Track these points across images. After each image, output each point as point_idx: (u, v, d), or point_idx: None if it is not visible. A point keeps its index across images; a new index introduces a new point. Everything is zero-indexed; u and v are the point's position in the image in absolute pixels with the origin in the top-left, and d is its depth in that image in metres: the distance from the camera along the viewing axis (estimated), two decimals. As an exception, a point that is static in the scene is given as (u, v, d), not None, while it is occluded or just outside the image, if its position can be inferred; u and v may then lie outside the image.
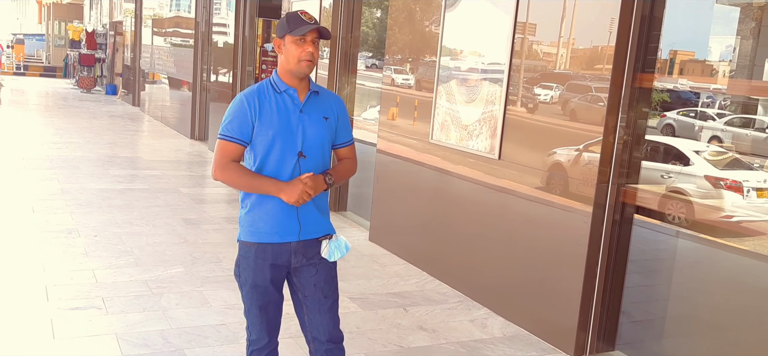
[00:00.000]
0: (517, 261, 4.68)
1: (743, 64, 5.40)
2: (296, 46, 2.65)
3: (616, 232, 4.16)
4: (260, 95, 2.70)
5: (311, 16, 2.70)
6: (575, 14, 4.26)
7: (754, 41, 5.15)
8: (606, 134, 4.02)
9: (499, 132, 4.74)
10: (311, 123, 2.72)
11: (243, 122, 2.66)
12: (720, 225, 3.82)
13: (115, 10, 20.95)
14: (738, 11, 4.68)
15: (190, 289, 4.78)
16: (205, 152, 11.32)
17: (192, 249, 5.73)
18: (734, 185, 3.62)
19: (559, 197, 4.36)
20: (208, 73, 12.07)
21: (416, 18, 6.06)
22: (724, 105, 4.98)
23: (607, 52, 4.01)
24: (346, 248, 2.81)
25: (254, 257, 2.74)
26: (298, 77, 2.72)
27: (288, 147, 2.67)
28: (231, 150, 2.67)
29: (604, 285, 4.20)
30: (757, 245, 3.82)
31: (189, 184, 8.77)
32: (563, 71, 4.38)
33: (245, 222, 2.77)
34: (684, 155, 4.12)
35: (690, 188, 3.90)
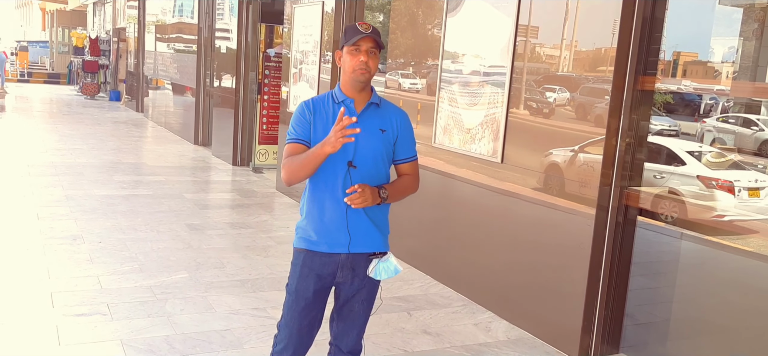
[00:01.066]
0: (521, 264, 4.68)
1: (746, 66, 5.40)
2: (351, 57, 2.66)
3: (620, 234, 4.16)
4: (318, 103, 2.75)
5: (368, 25, 2.68)
6: (577, 17, 4.27)
7: (757, 43, 5.15)
8: (608, 137, 4.03)
9: (501, 135, 4.75)
10: (365, 134, 2.67)
11: (303, 124, 2.70)
12: (713, 225, 3.79)
13: (118, 16, 21.02)
14: (740, 12, 4.69)
15: (195, 294, 4.79)
16: (208, 157, 11.35)
17: (196, 255, 5.74)
18: (726, 186, 3.65)
19: (561, 200, 4.36)
20: (211, 79, 12.10)
21: (418, 22, 6.08)
22: (727, 107, 4.98)
23: (609, 55, 4.02)
24: (394, 272, 2.77)
25: (302, 264, 2.76)
26: (355, 88, 2.71)
27: (338, 157, 2.63)
28: (296, 150, 2.69)
29: (608, 287, 4.20)
30: (759, 245, 3.82)
31: (193, 190, 8.78)
32: (565, 74, 4.39)
33: (300, 228, 2.80)
34: (677, 156, 4.13)
35: (684, 189, 3.91)
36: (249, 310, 4.58)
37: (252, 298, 4.80)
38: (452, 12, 5.30)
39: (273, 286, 5.08)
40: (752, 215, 3.65)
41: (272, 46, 10.43)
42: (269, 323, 4.36)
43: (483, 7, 4.98)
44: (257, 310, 4.59)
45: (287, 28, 8.76)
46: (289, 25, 8.59)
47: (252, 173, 10.16)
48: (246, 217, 7.32)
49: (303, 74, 8.12)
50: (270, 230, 6.81)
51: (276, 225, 7.06)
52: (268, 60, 10.05)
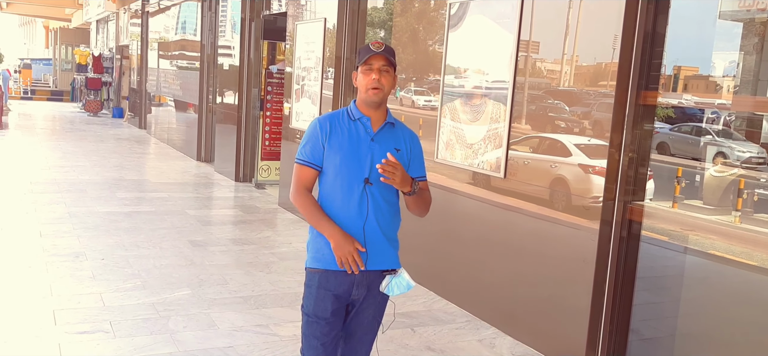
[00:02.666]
0: (525, 280, 4.67)
1: (747, 80, 5.40)
2: (364, 75, 2.70)
3: (624, 249, 4.15)
4: (334, 120, 2.75)
5: (381, 43, 2.71)
6: (578, 32, 4.28)
7: (758, 57, 5.15)
8: (611, 151, 4.03)
9: (504, 150, 4.75)
10: (381, 153, 2.70)
11: (315, 146, 2.72)
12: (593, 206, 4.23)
13: (121, 34, 21.12)
14: (740, 27, 4.69)
15: (198, 311, 4.78)
16: (211, 173, 11.36)
17: (199, 271, 5.73)
18: (602, 171, 4.14)
19: (565, 215, 4.35)
20: (213, 96, 12.14)
21: (420, 38, 6.10)
22: (728, 121, 4.98)
23: (611, 69, 4.02)
24: (407, 287, 2.77)
25: (318, 285, 2.74)
26: (370, 106, 2.74)
27: (355, 173, 2.68)
28: (305, 174, 2.74)
29: (613, 302, 4.18)
30: (764, 259, 3.80)
31: (195, 206, 8.79)
32: (567, 88, 4.40)
33: (311, 248, 2.79)
34: (567, 147, 4.43)
35: (569, 175, 4.38)
36: (252, 327, 4.56)
37: (255, 315, 4.78)
38: (454, 27, 5.32)
39: (276, 302, 5.07)
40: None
41: (275, 62, 10.47)
42: (272, 340, 4.35)
43: (484, 23, 5.00)
44: (260, 327, 4.57)
45: (289, 45, 8.80)
46: (291, 41, 8.63)
47: (254, 189, 10.17)
48: (248, 233, 7.32)
49: (305, 91, 8.14)
50: (272, 246, 6.80)
51: (278, 241, 7.05)
52: (270, 76, 10.08)
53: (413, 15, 6.39)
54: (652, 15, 3.96)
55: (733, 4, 4.23)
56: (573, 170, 4.34)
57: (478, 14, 5.07)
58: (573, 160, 4.34)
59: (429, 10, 6.09)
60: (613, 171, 4.04)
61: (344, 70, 7.36)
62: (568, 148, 4.39)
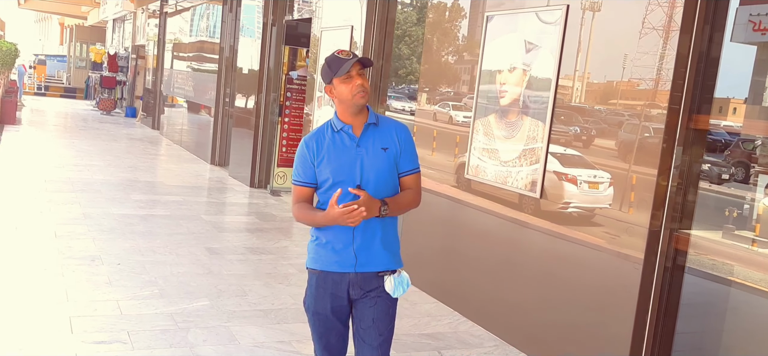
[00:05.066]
0: (559, 306, 4.48)
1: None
2: (345, 85, 2.73)
3: (668, 280, 3.96)
4: (318, 137, 2.82)
5: (348, 51, 2.76)
6: (627, 51, 4.10)
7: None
8: (659, 177, 3.84)
9: (541, 170, 4.57)
10: (368, 156, 2.76)
11: (305, 166, 2.81)
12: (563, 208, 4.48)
13: (137, 33, 21.07)
14: (754, 50, 4.53)
15: (217, 324, 4.61)
16: (225, 178, 11.21)
17: (217, 281, 5.57)
18: (571, 179, 4.45)
19: (606, 241, 4.17)
20: (231, 99, 12.01)
21: (452, 50, 5.94)
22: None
23: (662, 91, 3.84)
24: (407, 284, 2.84)
25: (315, 285, 2.86)
26: (355, 113, 2.78)
27: (347, 182, 2.73)
28: (301, 193, 2.85)
29: (655, 334, 3.99)
30: None
31: (211, 211, 8.64)
32: (612, 109, 4.22)
33: (311, 250, 2.90)
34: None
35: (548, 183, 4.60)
36: (274, 343, 4.39)
37: (276, 331, 4.61)
38: (490, 41, 5.15)
39: (297, 318, 4.89)
40: (591, 204, 4.41)
41: (295, 68, 10.33)
42: (296, 358, 4.18)
43: (523, 37, 4.83)
44: (282, 343, 4.40)
45: (313, 51, 8.65)
46: (316, 48, 8.48)
47: (270, 195, 10.01)
48: (266, 242, 7.16)
49: (328, 99, 7.99)
50: (290, 257, 6.63)
51: (296, 252, 6.88)
52: (290, 82, 9.93)
53: (444, 26, 6.23)
54: (707, 36, 3.78)
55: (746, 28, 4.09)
56: (549, 177, 4.51)
57: (517, 28, 4.90)
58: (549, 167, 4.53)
59: (461, 21, 5.94)
60: (660, 197, 3.86)
61: (371, 78, 7.20)
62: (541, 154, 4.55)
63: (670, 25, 3.83)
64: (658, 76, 3.88)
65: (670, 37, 3.83)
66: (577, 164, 4.46)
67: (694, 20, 3.75)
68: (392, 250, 2.86)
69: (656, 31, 3.91)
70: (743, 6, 3.90)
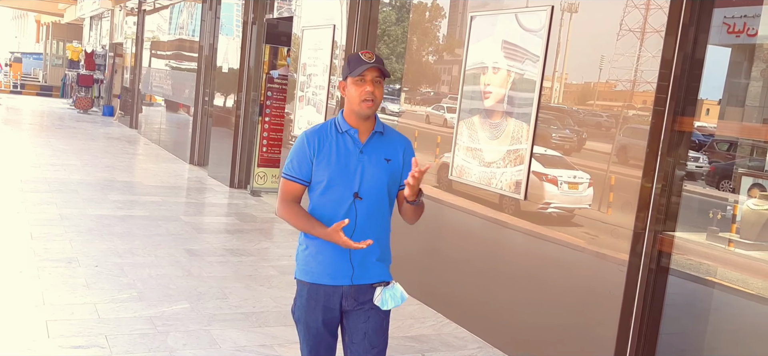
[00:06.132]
0: (543, 308, 4.46)
1: (752, 106, 5.26)
2: (356, 87, 2.61)
3: (652, 281, 3.95)
4: (321, 134, 2.69)
5: (372, 54, 2.62)
6: (612, 52, 4.09)
7: (765, 83, 5.00)
8: (644, 179, 3.84)
9: (525, 171, 4.55)
10: (371, 164, 2.66)
11: (302, 161, 2.67)
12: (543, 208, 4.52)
13: (115, 31, 20.81)
14: (728, 52, 4.57)
15: (197, 328, 4.53)
16: (204, 178, 11.09)
17: (197, 283, 5.48)
18: (552, 180, 4.48)
19: (591, 242, 4.15)
20: (210, 98, 11.88)
21: (436, 51, 5.90)
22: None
23: (647, 93, 3.83)
24: (401, 299, 2.72)
25: (307, 297, 2.74)
26: (360, 118, 2.65)
27: (345, 187, 2.64)
28: (292, 189, 2.69)
29: (639, 335, 3.98)
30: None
31: (190, 212, 8.54)
32: (597, 112, 4.21)
33: (300, 260, 2.77)
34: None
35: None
36: (256, 347, 4.32)
37: (258, 334, 4.54)
38: (474, 42, 5.12)
39: (279, 321, 4.83)
40: (571, 204, 4.45)
41: (276, 67, 10.24)
42: (278, 362, 4.12)
43: (507, 39, 4.80)
44: (264, 347, 4.33)
45: (294, 50, 8.58)
46: (297, 47, 8.40)
47: (250, 196, 9.91)
48: (246, 243, 7.07)
49: (310, 98, 7.92)
50: (272, 259, 6.55)
51: (278, 253, 6.81)
52: (271, 81, 9.85)
53: (425, 25, 6.20)
54: (692, 38, 3.78)
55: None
56: (530, 178, 4.53)
57: (501, 28, 4.87)
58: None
59: (444, 21, 5.92)
60: (644, 199, 3.85)
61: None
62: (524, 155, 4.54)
63: (645, 27, 3.83)
64: (643, 78, 3.87)
65: (645, 39, 3.82)
66: (557, 164, 4.45)
67: (679, 23, 3.74)
68: (387, 261, 2.79)
69: (633, 33, 3.90)
70: (718, 8, 3.91)
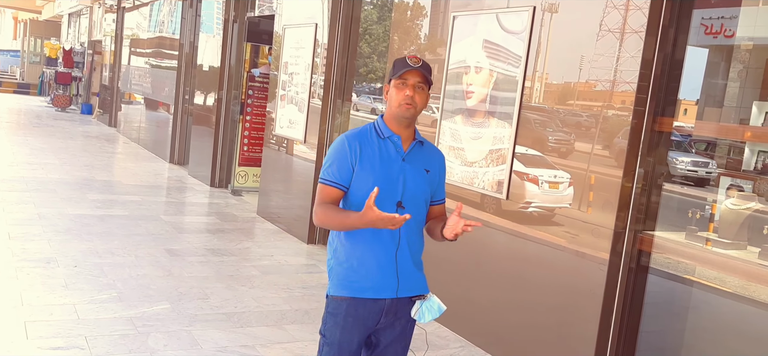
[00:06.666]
0: (525, 306, 4.48)
1: (729, 106, 5.34)
2: (397, 90, 2.52)
3: (632, 280, 3.99)
4: (362, 138, 2.57)
5: (418, 58, 2.53)
6: (594, 53, 4.12)
7: (742, 84, 5.07)
8: (624, 179, 3.87)
9: (507, 171, 4.57)
10: (413, 174, 2.57)
11: (343, 165, 2.53)
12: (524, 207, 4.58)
13: (94, 29, 20.59)
14: (706, 52, 4.63)
15: (178, 328, 4.50)
16: (185, 177, 11.01)
17: (177, 283, 5.44)
18: (533, 178, 4.53)
19: (572, 242, 4.18)
20: (191, 96, 11.80)
21: (418, 50, 5.91)
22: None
23: (627, 93, 3.87)
24: (439, 311, 2.62)
25: (345, 314, 2.57)
26: (401, 123, 2.56)
27: (388, 196, 2.52)
28: (330, 195, 2.55)
29: (619, 334, 4.02)
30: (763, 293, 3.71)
31: (170, 211, 8.47)
32: (577, 111, 4.24)
33: (337, 274, 2.60)
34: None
35: None
36: (237, 348, 4.30)
37: (240, 335, 4.52)
38: (457, 41, 5.13)
39: (261, 321, 4.81)
40: (551, 204, 4.51)
41: (257, 65, 10.19)
42: (260, 362, 4.10)
43: (490, 39, 4.82)
44: (246, 348, 4.31)
45: (276, 48, 8.54)
46: (278, 45, 8.37)
47: (231, 195, 9.86)
48: (227, 243, 7.03)
49: (291, 97, 7.89)
50: (253, 259, 6.52)
51: (259, 253, 6.78)
52: (252, 80, 9.80)
53: (408, 25, 6.21)
54: (671, 39, 3.82)
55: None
56: (512, 178, 4.57)
57: (483, 28, 4.89)
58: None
59: (426, 20, 5.92)
60: (625, 199, 3.89)
61: (334, 77, 7.14)
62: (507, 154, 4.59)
63: (624, 27, 3.86)
64: (623, 78, 3.90)
65: (624, 39, 3.85)
66: (538, 164, 4.47)
67: (659, 23, 3.78)
68: (423, 271, 2.72)
69: (613, 33, 3.93)
70: (696, 10, 3.96)
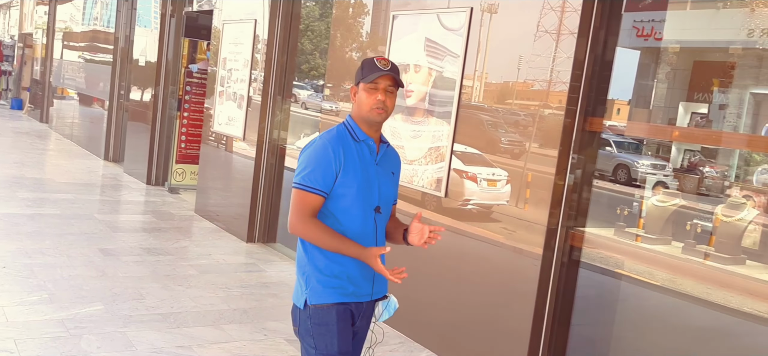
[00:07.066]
0: (463, 302, 4.56)
1: (658, 106, 5.56)
2: (367, 94, 2.49)
3: (564, 274, 4.10)
4: (344, 143, 2.51)
5: (387, 61, 2.51)
6: (532, 53, 4.21)
7: (670, 85, 5.30)
8: (557, 177, 3.98)
9: (446, 169, 4.63)
10: (385, 177, 2.60)
11: (327, 172, 2.46)
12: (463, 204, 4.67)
13: (25, 21, 19.87)
14: (637, 55, 4.83)
15: (112, 330, 4.40)
16: (120, 174, 10.74)
17: (112, 284, 5.32)
18: (472, 177, 4.61)
19: (509, 238, 4.27)
20: (126, 92, 11.52)
21: (360, 48, 5.93)
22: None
23: (562, 93, 3.97)
24: (394, 308, 2.68)
25: (337, 319, 2.52)
26: (371, 126, 2.54)
27: (368, 201, 2.53)
28: (312, 202, 2.47)
29: (552, 327, 4.13)
30: (689, 286, 3.88)
31: (105, 210, 8.26)
32: (515, 110, 4.33)
33: (319, 282, 2.53)
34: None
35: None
36: (174, 349, 4.23)
37: (176, 335, 4.45)
38: (397, 40, 5.17)
39: (198, 321, 4.75)
40: (490, 201, 4.58)
41: (195, 61, 10.02)
42: (197, 363, 4.05)
43: (429, 37, 4.87)
44: (182, 348, 4.25)
45: (214, 44, 8.42)
46: (217, 41, 8.26)
47: (168, 193, 9.67)
48: (164, 242, 6.90)
49: (229, 93, 7.80)
50: (191, 258, 6.43)
51: (197, 252, 6.68)
52: (190, 75, 9.63)
53: (349, 22, 6.22)
54: (601, 40, 3.94)
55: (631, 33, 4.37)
56: (452, 175, 4.63)
57: (422, 27, 4.94)
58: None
59: (366, 17, 5.95)
60: (557, 196, 3.99)
61: (274, 74, 7.08)
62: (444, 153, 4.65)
63: (561, 29, 3.97)
64: (551, 78, 4.01)
65: (561, 41, 3.96)
66: (477, 162, 4.55)
67: (590, 25, 3.89)
68: None
69: (549, 34, 4.04)
70: (628, 13, 4.10)
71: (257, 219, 7.22)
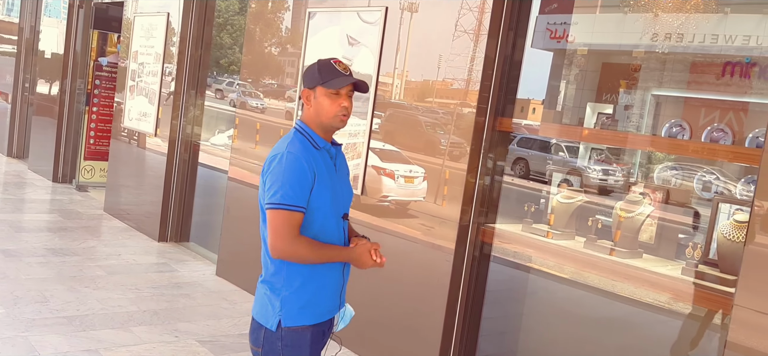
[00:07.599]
0: (379, 298, 4.59)
1: (568, 107, 5.78)
2: (330, 100, 2.37)
3: (476, 269, 4.20)
4: (314, 155, 2.39)
5: (346, 65, 2.42)
6: (450, 52, 4.28)
7: (579, 86, 5.51)
8: (468, 175, 4.06)
9: (362, 166, 4.65)
10: (345, 181, 2.54)
11: (305, 187, 2.33)
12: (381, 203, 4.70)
13: None
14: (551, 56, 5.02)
15: (13, 334, 4.20)
16: (24, 171, 10.25)
17: (13, 287, 5.07)
18: (389, 173, 4.64)
19: (422, 234, 4.34)
20: (31, 85, 11.00)
21: (275, 43, 5.87)
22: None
23: (475, 93, 4.06)
24: (349, 317, 2.63)
25: (311, 342, 2.44)
26: (328, 132, 2.45)
27: (337, 209, 2.47)
28: (296, 221, 2.32)
29: (464, 322, 4.22)
30: (598, 281, 4.06)
31: (7, 209, 7.86)
32: (434, 108, 4.40)
33: (295, 304, 2.41)
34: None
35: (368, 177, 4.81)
36: (79, 352, 4.08)
37: (82, 338, 4.29)
38: (313, 36, 5.15)
39: (106, 323, 4.59)
40: (407, 197, 4.64)
41: (105, 54, 9.67)
42: (104, 366, 3.92)
43: (346, 34, 4.88)
44: (89, 352, 4.11)
45: (125, 37, 8.15)
46: (128, 33, 8.00)
47: (75, 191, 9.30)
48: (70, 242, 6.64)
49: (141, 87, 7.57)
50: (99, 258, 6.21)
51: (105, 252, 6.46)
52: (99, 69, 9.29)
53: (267, 16, 6.15)
54: (510, 42, 4.05)
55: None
56: (369, 172, 4.66)
57: (339, 23, 4.94)
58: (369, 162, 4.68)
59: (284, 13, 5.90)
60: (469, 194, 4.08)
61: (187, 68, 6.92)
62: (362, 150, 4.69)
63: (479, 30, 4.06)
64: (469, 77, 4.10)
65: (479, 41, 4.05)
66: (395, 159, 4.60)
67: (500, 26, 3.99)
68: None
69: (467, 34, 4.12)
70: (542, 15, 4.24)
71: (170, 217, 7.05)
